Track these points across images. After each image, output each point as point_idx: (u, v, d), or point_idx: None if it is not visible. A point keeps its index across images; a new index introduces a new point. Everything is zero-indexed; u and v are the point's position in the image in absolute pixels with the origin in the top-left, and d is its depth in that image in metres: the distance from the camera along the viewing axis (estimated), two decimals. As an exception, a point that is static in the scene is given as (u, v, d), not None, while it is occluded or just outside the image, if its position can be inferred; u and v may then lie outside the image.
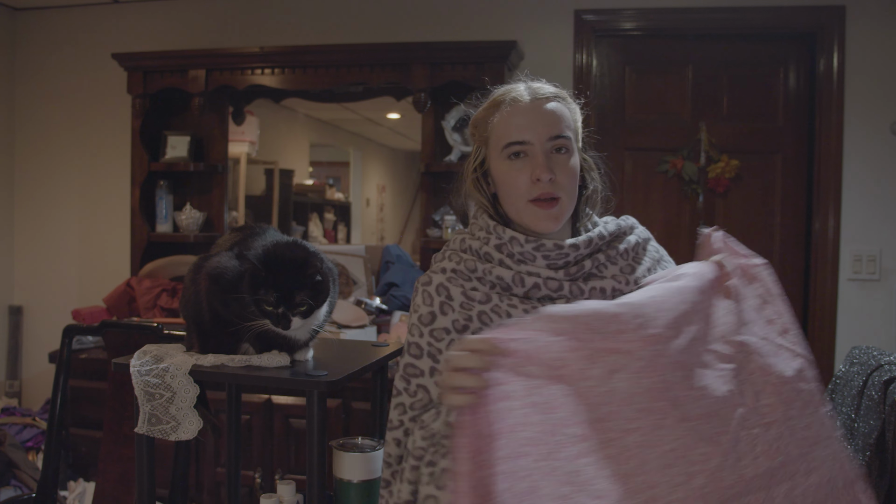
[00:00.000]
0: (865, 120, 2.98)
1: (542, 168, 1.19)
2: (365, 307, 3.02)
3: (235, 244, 1.38)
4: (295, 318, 1.28)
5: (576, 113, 1.29)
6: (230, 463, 1.64)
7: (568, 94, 1.30)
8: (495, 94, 1.28)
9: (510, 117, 1.24)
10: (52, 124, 3.71)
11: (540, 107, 1.23)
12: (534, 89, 1.26)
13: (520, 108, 1.23)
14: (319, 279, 1.30)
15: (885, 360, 1.92)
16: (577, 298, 1.18)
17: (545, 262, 1.20)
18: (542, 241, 1.20)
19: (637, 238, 1.29)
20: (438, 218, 3.18)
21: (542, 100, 1.24)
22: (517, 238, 1.21)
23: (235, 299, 1.29)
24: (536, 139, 1.21)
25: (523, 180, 1.21)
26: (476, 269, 1.22)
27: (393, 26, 3.29)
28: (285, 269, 1.27)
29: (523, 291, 1.19)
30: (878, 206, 3.00)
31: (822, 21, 2.99)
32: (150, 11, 3.55)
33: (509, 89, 1.27)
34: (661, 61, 3.21)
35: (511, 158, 1.23)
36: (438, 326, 1.19)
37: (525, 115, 1.23)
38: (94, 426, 2.76)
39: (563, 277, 1.20)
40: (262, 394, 2.69)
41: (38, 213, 3.75)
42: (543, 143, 1.21)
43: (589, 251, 1.23)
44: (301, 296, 1.27)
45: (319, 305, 1.31)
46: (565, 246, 1.20)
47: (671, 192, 3.21)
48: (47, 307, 3.72)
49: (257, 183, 3.78)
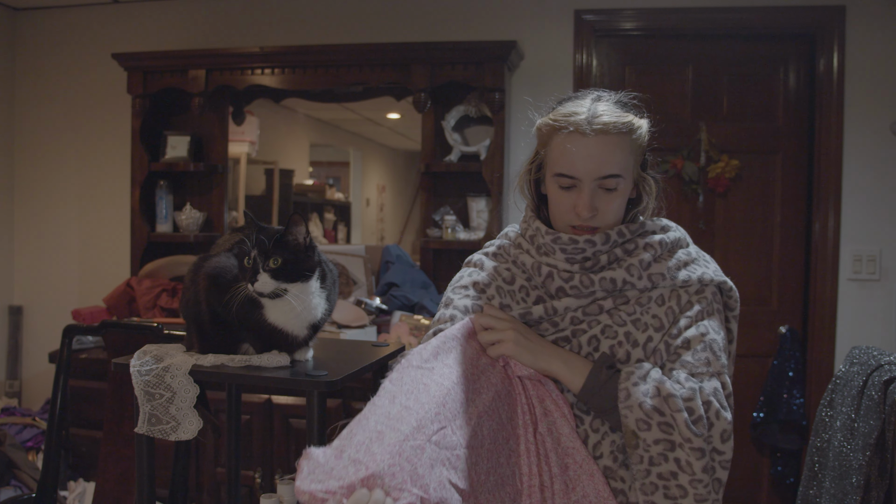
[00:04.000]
0: (865, 120, 2.98)
1: (584, 206, 1.21)
2: (365, 307, 3.02)
3: (235, 244, 1.38)
4: (264, 273, 1.25)
5: (641, 139, 1.26)
6: (230, 463, 1.64)
7: (636, 115, 1.26)
8: (560, 111, 1.24)
9: (565, 144, 1.22)
10: (52, 124, 3.71)
11: (597, 143, 1.20)
12: (595, 117, 1.20)
13: (576, 140, 1.21)
14: (301, 243, 1.28)
15: (885, 360, 1.92)
16: (588, 290, 1.22)
17: (563, 256, 1.24)
18: (559, 235, 1.25)
19: (665, 238, 1.28)
20: (438, 218, 3.18)
21: (602, 135, 1.20)
22: (540, 229, 1.28)
23: (234, 298, 1.29)
24: (585, 176, 1.21)
25: (567, 207, 1.24)
26: (510, 253, 1.33)
27: (393, 26, 3.29)
28: (270, 232, 1.28)
29: (540, 281, 1.26)
30: (878, 206, 2.99)
31: (822, 21, 2.99)
32: (150, 11, 3.55)
33: (572, 112, 1.22)
34: (661, 61, 3.21)
35: (561, 187, 1.24)
36: (460, 284, 1.33)
37: (578, 150, 1.20)
38: (94, 426, 2.76)
39: (577, 270, 1.24)
40: (262, 394, 2.69)
41: (38, 213, 3.75)
42: (591, 182, 1.21)
43: (607, 248, 1.24)
44: (276, 255, 1.25)
45: (300, 272, 1.28)
46: (580, 241, 1.23)
47: (671, 192, 3.19)
48: (47, 307, 3.72)
49: (257, 183, 3.78)
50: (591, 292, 1.23)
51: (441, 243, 3.12)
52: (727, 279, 1.29)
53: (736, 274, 2.65)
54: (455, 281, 1.35)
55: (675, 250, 1.29)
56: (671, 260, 1.26)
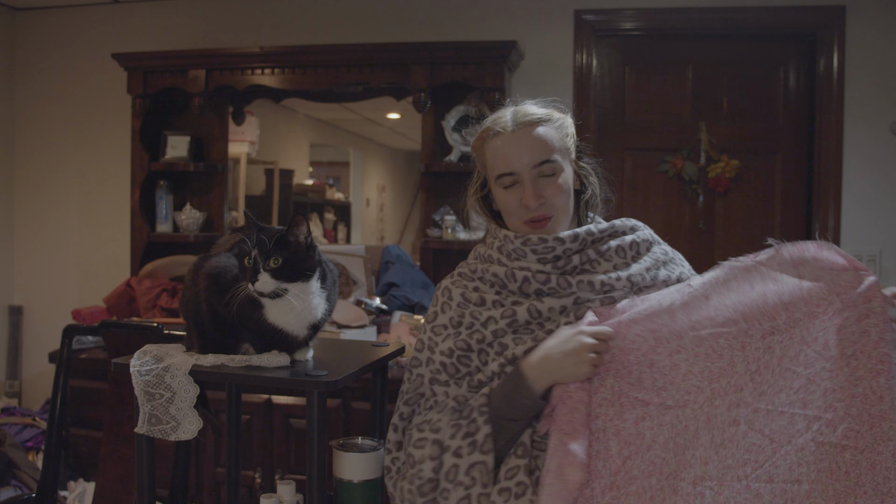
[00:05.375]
0: (865, 120, 2.98)
1: (529, 196, 1.27)
2: (365, 307, 3.02)
3: (236, 244, 1.38)
4: (265, 273, 1.24)
5: (566, 128, 1.33)
6: (230, 463, 1.64)
7: (556, 110, 1.34)
8: (485, 123, 1.34)
9: (497, 148, 1.30)
10: (52, 124, 3.71)
11: (524, 135, 1.29)
12: (518, 116, 1.30)
13: (505, 138, 1.30)
14: (301, 243, 1.28)
15: (885, 360, 1.92)
16: (565, 291, 1.24)
17: (535, 257, 1.27)
18: (528, 237, 1.27)
19: (636, 238, 1.31)
20: (438, 218, 3.18)
21: (525, 127, 1.29)
22: (509, 236, 1.30)
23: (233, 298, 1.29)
24: (522, 168, 1.28)
25: (515, 204, 1.29)
26: (477, 269, 1.33)
27: (393, 26, 3.29)
28: (270, 232, 1.27)
29: (517, 286, 1.27)
30: (878, 206, 2.99)
31: (821, 21, 2.99)
32: (150, 11, 3.55)
33: (496, 119, 1.32)
34: (661, 61, 3.21)
35: (504, 187, 1.30)
36: (438, 323, 1.32)
37: (510, 146, 1.29)
38: (94, 426, 2.76)
39: (551, 271, 1.26)
40: (262, 394, 2.69)
41: (38, 213, 3.75)
42: (529, 171, 1.28)
43: (577, 246, 1.27)
44: (277, 254, 1.26)
45: (300, 272, 1.28)
46: (549, 239, 1.26)
47: (671, 192, 3.21)
48: (47, 307, 3.72)
49: (257, 183, 3.78)
50: (570, 293, 1.24)
51: (441, 243, 3.12)
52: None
53: (736, 274, 2.64)
54: (430, 318, 1.34)
55: (650, 248, 1.33)
56: (647, 259, 1.30)
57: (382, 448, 1.38)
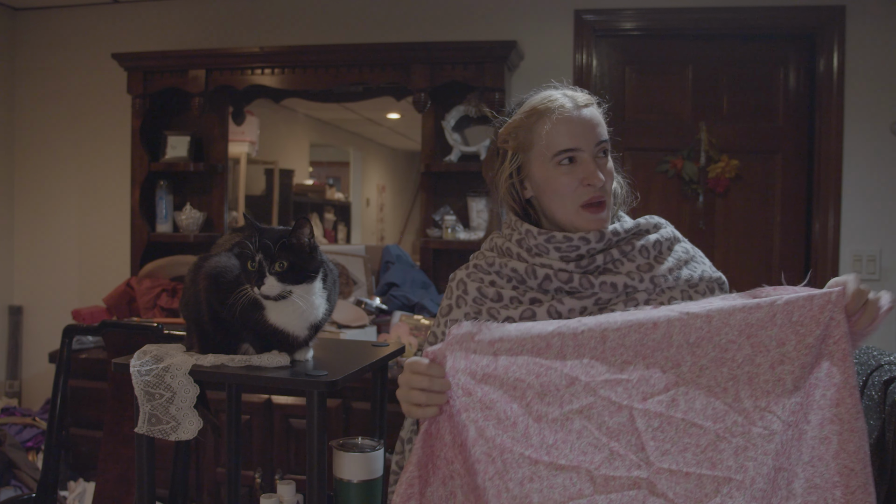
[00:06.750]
0: (865, 120, 2.98)
1: (593, 174, 1.25)
2: (365, 307, 3.02)
3: (235, 245, 1.38)
4: (270, 277, 1.24)
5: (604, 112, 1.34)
6: (230, 463, 1.64)
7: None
8: (534, 103, 1.30)
9: (559, 125, 1.26)
10: (52, 124, 3.70)
11: (584, 114, 1.27)
12: (573, 97, 1.29)
13: (567, 116, 1.26)
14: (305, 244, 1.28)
15: (885, 360, 1.92)
16: (587, 291, 1.22)
17: (558, 255, 1.25)
18: (553, 234, 1.25)
19: (659, 237, 1.30)
20: (438, 218, 3.18)
21: (586, 106, 1.28)
22: (531, 231, 1.27)
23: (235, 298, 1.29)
24: (586, 144, 1.26)
25: (573, 185, 1.26)
26: (494, 263, 1.29)
27: (393, 26, 3.29)
28: (273, 235, 1.27)
29: (537, 283, 1.24)
30: (878, 206, 2.99)
31: (822, 21, 2.99)
32: (150, 11, 3.55)
33: (550, 98, 1.29)
34: (661, 61, 3.21)
35: (561, 164, 1.26)
36: (453, 318, 1.30)
37: (574, 124, 1.26)
38: (94, 426, 2.77)
39: (574, 269, 1.23)
40: (262, 394, 2.69)
41: (38, 213, 3.75)
42: (592, 149, 1.26)
43: (602, 246, 1.25)
44: (282, 258, 1.25)
45: (305, 274, 1.28)
46: (574, 238, 1.24)
47: (671, 192, 3.21)
48: (47, 307, 3.72)
49: (257, 183, 3.78)
50: (592, 293, 1.22)
51: (441, 243, 3.12)
52: (721, 274, 1.33)
53: (736, 274, 2.65)
54: (444, 310, 1.33)
55: (672, 247, 1.31)
56: (670, 259, 1.27)
57: (382, 448, 1.38)
